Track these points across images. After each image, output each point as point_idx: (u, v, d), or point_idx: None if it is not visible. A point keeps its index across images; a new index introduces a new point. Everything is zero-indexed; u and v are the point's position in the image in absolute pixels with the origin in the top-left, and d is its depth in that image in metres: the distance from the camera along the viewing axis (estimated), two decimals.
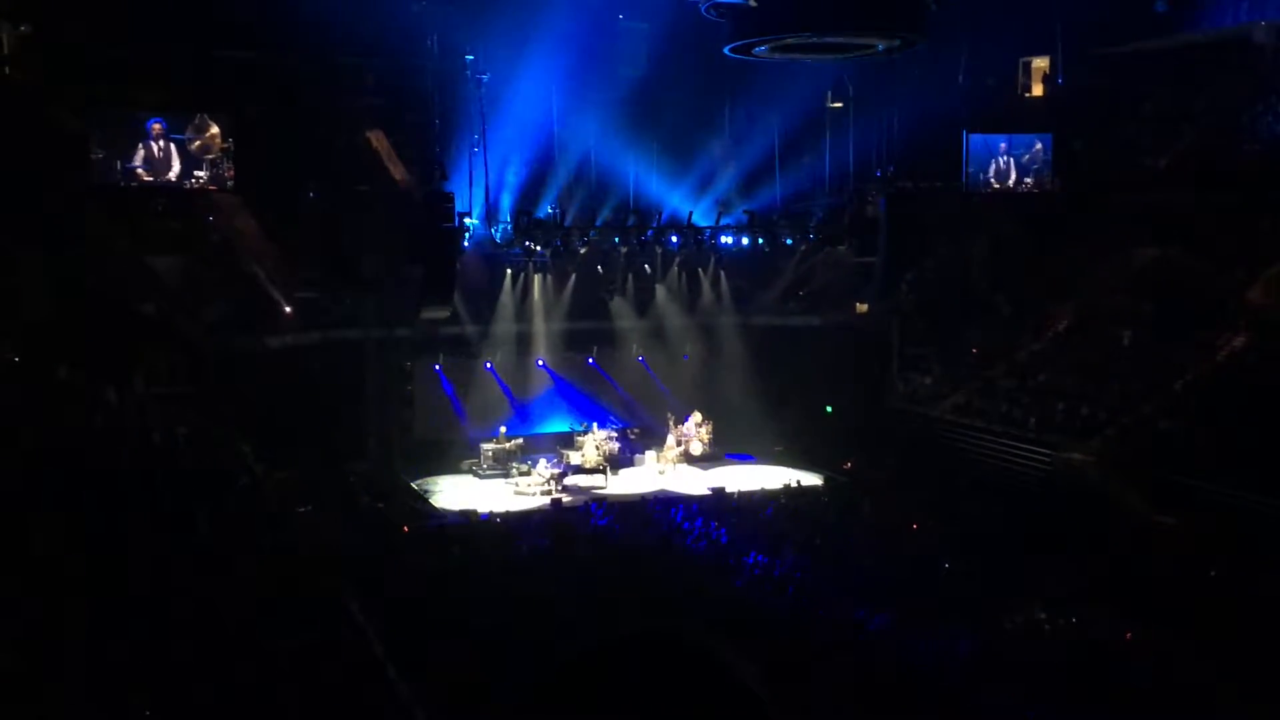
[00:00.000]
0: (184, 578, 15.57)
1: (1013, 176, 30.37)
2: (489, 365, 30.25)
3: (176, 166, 24.61)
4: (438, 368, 29.88)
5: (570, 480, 27.44)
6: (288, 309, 27.14)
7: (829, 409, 31.04)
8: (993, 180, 30.44)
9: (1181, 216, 27.14)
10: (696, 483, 27.59)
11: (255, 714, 12.48)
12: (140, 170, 24.36)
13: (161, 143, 24.51)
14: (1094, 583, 17.80)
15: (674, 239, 30.54)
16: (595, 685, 1.58)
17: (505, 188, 28.97)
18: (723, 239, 30.86)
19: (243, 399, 24.00)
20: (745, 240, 31.07)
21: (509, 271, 29.84)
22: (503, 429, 29.20)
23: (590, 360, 31.67)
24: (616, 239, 30.23)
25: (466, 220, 27.80)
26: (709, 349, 32.25)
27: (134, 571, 15.23)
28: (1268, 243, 25.75)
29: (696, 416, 30.11)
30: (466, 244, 28.13)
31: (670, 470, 28.94)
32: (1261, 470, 20.78)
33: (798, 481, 26.82)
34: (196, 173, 24.81)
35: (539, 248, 29.10)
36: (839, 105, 30.95)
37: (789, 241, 31.50)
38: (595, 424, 29.68)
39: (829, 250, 31.68)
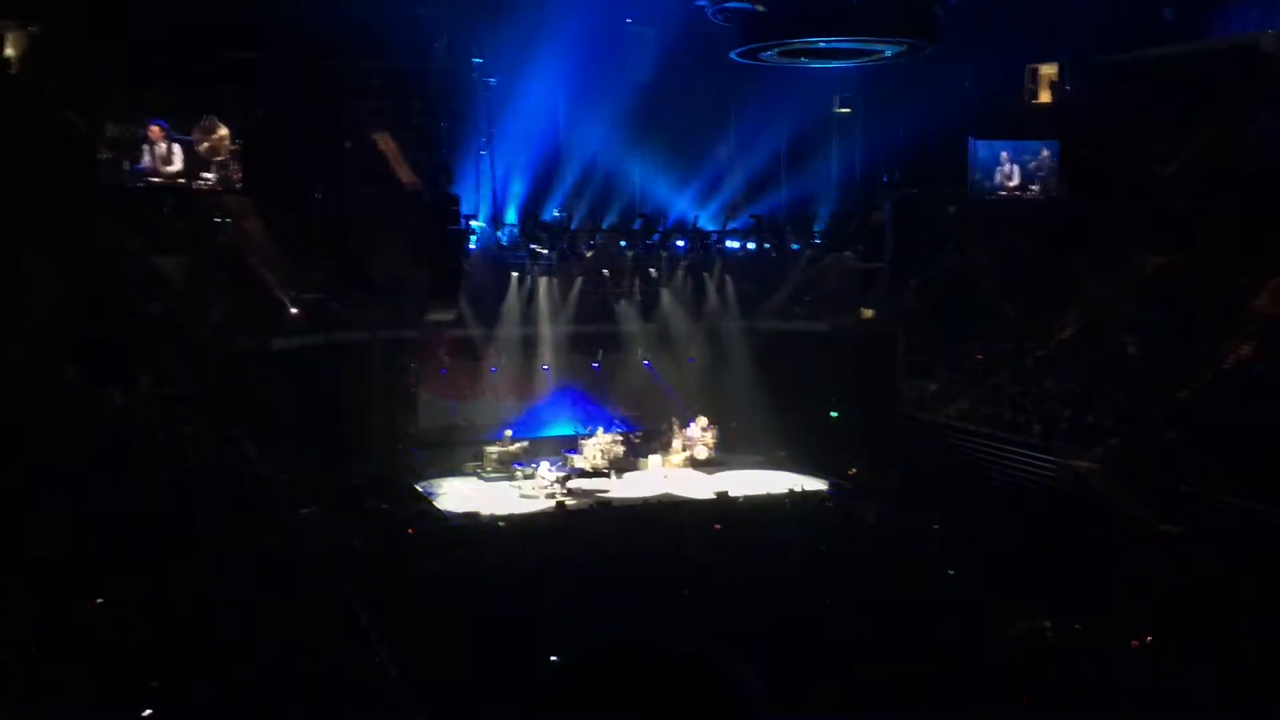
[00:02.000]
0: (186, 578, 15.58)
1: (1019, 183, 30.32)
2: (494, 369, 30.23)
3: (184, 168, 24.64)
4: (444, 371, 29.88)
5: (574, 483, 27.45)
6: (294, 310, 27.17)
7: (834, 414, 31.00)
8: (999, 187, 30.38)
9: (1189, 224, 27.09)
10: (701, 487, 27.57)
11: (257, 716, 12.48)
12: (148, 171, 24.39)
13: (169, 144, 24.55)
14: (1099, 591, 17.76)
15: (680, 243, 30.55)
16: (595, 690, 1.57)
17: (511, 190, 29.00)
18: (729, 243, 30.85)
19: (248, 400, 24.02)
20: (751, 244, 31.09)
21: (515, 274, 29.84)
22: (508, 432, 29.21)
23: (595, 365, 31.66)
24: (623, 242, 30.25)
25: (472, 223, 27.86)
26: (714, 353, 32.21)
27: (136, 572, 15.24)
28: (1275, 250, 25.69)
29: (701, 420, 30.09)
30: (472, 246, 28.17)
31: (674, 474, 28.92)
32: (1268, 479, 20.73)
33: (801, 486, 26.78)
34: (204, 174, 24.83)
35: (545, 251, 29.11)
36: (846, 110, 30.94)
37: (795, 246, 31.50)
38: (600, 427, 29.71)
39: (835, 255, 31.69)
